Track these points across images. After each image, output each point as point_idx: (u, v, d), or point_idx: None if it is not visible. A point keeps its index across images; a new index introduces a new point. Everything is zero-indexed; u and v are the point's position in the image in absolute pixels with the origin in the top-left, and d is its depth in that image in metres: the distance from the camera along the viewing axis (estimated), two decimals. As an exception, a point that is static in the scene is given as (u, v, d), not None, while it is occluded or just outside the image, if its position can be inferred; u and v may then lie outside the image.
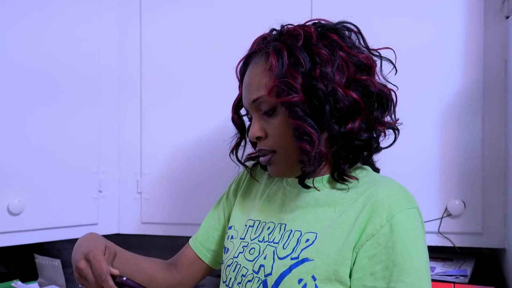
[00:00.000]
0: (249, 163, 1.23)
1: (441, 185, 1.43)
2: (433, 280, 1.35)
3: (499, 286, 1.40)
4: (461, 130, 1.42)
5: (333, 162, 1.07)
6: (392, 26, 1.46)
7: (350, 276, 0.96)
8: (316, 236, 1.00)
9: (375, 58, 1.06)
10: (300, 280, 0.97)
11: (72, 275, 1.83)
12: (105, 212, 1.73)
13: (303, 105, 0.99)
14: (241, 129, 1.18)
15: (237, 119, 1.17)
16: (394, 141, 1.09)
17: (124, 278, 0.97)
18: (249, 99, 1.05)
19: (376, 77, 1.06)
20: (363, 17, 1.46)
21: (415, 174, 1.42)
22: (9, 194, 1.52)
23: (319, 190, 1.06)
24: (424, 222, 1.38)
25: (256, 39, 1.10)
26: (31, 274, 1.80)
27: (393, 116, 1.08)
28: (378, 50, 1.08)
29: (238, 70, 1.13)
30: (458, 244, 1.42)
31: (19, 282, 1.64)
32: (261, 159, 1.09)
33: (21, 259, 1.89)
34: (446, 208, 1.42)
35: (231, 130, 1.59)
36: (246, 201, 1.22)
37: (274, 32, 1.09)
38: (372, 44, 1.09)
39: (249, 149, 1.20)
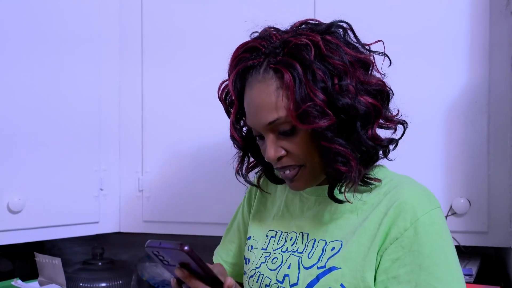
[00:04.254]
0: (253, 176, 1.19)
1: (446, 183, 1.41)
2: (438, 280, 1.34)
3: (504, 286, 1.39)
4: (466, 127, 1.40)
5: None
6: (396, 23, 1.45)
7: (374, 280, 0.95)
8: (341, 244, 0.98)
9: (368, 53, 1.02)
10: None
11: (72, 274, 1.84)
12: (106, 210, 1.72)
13: (333, 126, 0.94)
14: (243, 146, 1.10)
15: (238, 137, 1.08)
16: (403, 134, 1.06)
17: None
18: (264, 122, 0.97)
19: (375, 72, 1.02)
20: (366, 14, 1.46)
21: (419, 172, 1.39)
22: (9, 192, 1.51)
23: (351, 203, 1.00)
24: None
25: (241, 48, 1.02)
26: (31, 273, 1.80)
27: (390, 109, 1.03)
28: (370, 45, 1.03)
29: (233, 86, 1.02)
30: (463, 243, 1.40)
31: (19, 281, 1.63)
32: (283, 174, 1.02)
33: (21, 257, 1.88)
34: (451, 207, 1.40)
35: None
36: (262, 214, 1.19)
37: (267, 42, 0.99)
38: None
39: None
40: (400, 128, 1.05)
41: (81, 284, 1.83)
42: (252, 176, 1.24)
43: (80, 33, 1.66)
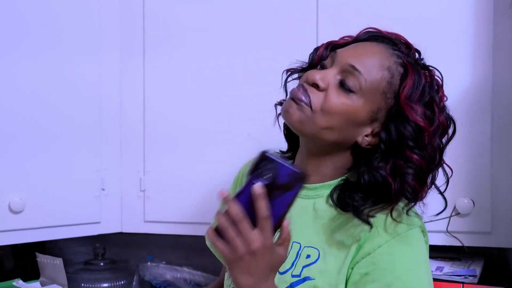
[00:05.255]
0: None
1: (450, 184, 1.40)
2: (441, 280, 1.34)
3: (508, 287, 1.38)
4: (470, 127, 1.39)
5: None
6: (399, 22, 1.43)
7: None
8: (318, 254, 0.97)
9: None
10: None
11: (74, 274, 1.83)
12: (108, 210, 1.71)
13: (391, 130, 0.95)
14: (313, 63, 1.06)
15: (319, 55, 1.04)
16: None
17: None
18: (351, 61, 0.96)
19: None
20: (368, 13, 1.45)
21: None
22: (10, 192, 1.50)
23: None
24: (432, 221, 1.37)
25: (394, 33, 1.04)
26: (32, 273, 1.79)
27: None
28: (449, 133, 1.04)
29: (364, 32, 1.04)
30: (466, 243, 1.39)
31: (20, 281, 1.63)
32: (294, 93, 0.98)
33: (22, 258, 1.87)
34: (454, 207, 1.39)
35: (236, 131, 1.59)
36: None
37: (418, 53, 1.05)
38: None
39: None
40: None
41: (82, 284, 1.82)
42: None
43: (80, 30, 1.65)
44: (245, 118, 1.58)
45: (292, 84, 1.07)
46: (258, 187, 0.82)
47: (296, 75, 1.10)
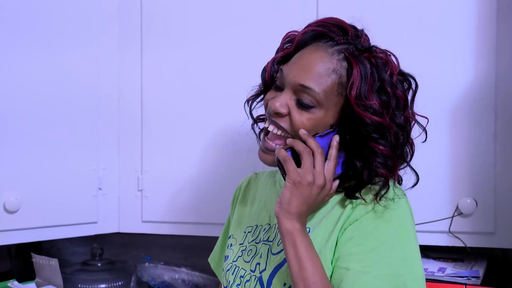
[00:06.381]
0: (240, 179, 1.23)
1: (452, 183, 1.39)
2: (444, 282, 1.33)
3: (512, 288, 1.37)
4: (473, 125, 1.38)
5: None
6: (402, 19, 1.43)
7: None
8: (309, 230, 1.00)
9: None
10: None
11: (71, 274, 1.81)
12: (105, 210, 1.70)
13: (375, 127, 0.95)
14: (267, 82, 1.08)
15: (269, 73, 1.07)
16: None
17: None
18: (300, 81, 0.98)
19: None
20: (371, 9, 1.43)
21: (425, 172, 1.36)
22: (5, 191, 1.49)
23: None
24: (434, 221, 1.38)
25: (331, 19, 1.03)
26: (29, 274, 1.77)
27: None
28: (416, 114, 1.05)
29: (302, 36, 1.04)
30: (469, 244, 1.38)
31: (15, 282, 1.61)
32: (267, 134, 1.03)
33: (19, 258, 1.86)
34: (457, 207, 1.38)
35: (235, 131, 1.57)
36: (242, 215, 1.20)
37: (356, 35, 1.01)
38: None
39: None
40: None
41: (79, 285, 1.81)
42: (240, 179, 1.24)
43: (79, 27, 1.64)
44: (245, 117, 1.56)
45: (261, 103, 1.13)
46: (338, 137, 0.98)
47: (261, 97, 1.14)
